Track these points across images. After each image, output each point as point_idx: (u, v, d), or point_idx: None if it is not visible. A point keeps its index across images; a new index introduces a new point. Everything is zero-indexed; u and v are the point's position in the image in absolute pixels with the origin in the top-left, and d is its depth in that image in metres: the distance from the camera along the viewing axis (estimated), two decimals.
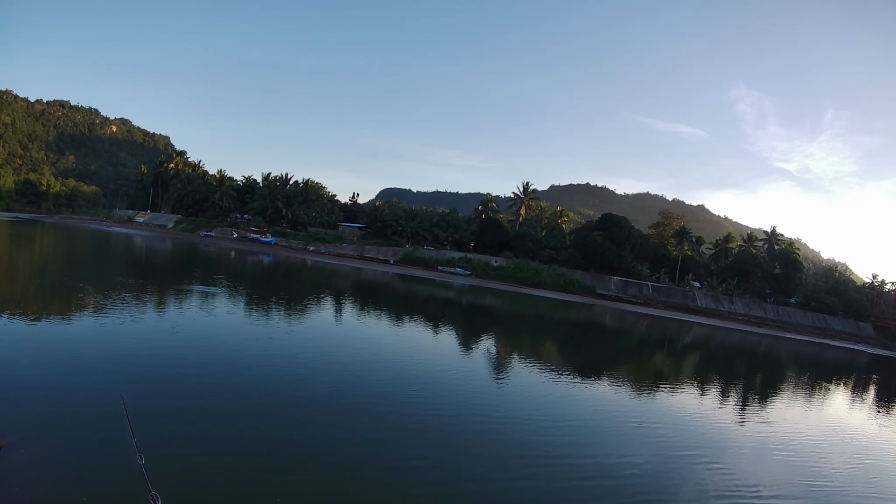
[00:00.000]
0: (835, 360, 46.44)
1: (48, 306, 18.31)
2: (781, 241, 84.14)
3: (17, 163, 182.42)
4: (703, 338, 45.82)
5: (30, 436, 7.86)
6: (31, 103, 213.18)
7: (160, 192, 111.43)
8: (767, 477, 11.38)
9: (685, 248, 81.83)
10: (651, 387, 20.10)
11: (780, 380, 29.83)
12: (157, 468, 6.03)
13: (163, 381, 11.39)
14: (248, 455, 8.46)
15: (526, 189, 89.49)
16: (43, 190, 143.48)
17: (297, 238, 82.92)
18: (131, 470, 4.76)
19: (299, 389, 12.34)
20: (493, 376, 17.81)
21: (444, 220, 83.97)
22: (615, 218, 77.44)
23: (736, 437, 14.75)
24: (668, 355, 33.05)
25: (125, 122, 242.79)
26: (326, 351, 17.31)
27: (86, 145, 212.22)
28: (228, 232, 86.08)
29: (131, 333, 15.31)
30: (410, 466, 8.97)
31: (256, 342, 16.55)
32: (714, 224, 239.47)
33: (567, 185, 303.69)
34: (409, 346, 20.59)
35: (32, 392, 9.70)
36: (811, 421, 18.42)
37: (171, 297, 24.19)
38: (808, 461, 13.26)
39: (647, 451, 11.78)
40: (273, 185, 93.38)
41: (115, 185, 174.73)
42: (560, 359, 24.75)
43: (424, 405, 12.56)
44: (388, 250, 77.00)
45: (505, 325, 35.21)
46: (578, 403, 15.35)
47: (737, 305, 74.09)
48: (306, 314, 25.07)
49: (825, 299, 74.84)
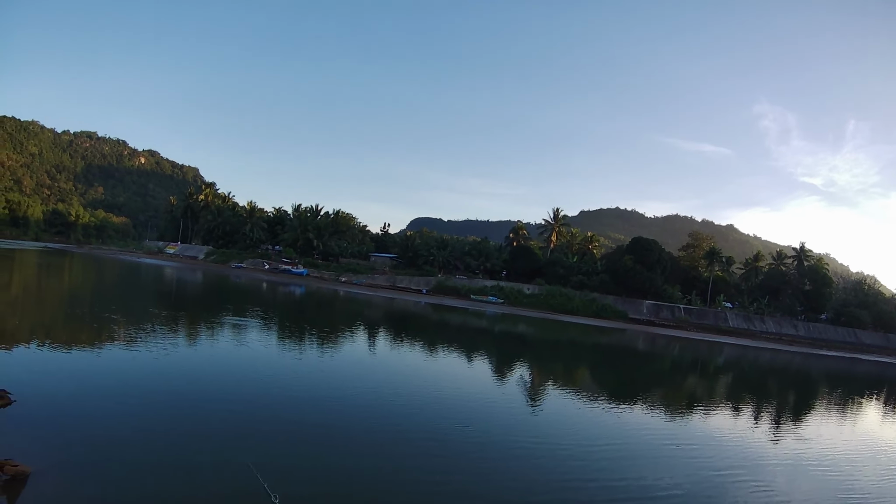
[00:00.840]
0: (866, 373, 46.78)
1: (97, 337, 18.76)
2: (810, 258, 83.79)
3: (46, 193, 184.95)
4: (736, 358, 46.18)
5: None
6: (57, 134, 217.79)
7: (190, 223, 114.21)
8: (802, 493, 11.74)
9: (716, 269, 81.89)
10: (685, 409, 20.65)
11: (813, 397, 30.26)
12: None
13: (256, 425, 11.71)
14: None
15: (556, 215, 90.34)
16: (72, 220, 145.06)
17: (329, 269, 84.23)
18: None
19: (392, 421, 13.22)
20: (528, 402, 18.53)
21: (476, 249, 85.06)
22: (645, 241, 77.91)
23: (771, 454, 15.13)
24: (701, 377, 33.68)
25: (153, 153, 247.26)
26: (390, 382, 18.15)
27: (114, 177, 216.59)
28: (260, 263, 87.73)
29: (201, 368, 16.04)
30: (449, 490, 9.54)
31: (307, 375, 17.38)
32: (743, 243, 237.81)
33: (597, 210, 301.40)
34: (448, 376, 21.26)
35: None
36: (844, 436, 18.85)
37: (216, 328, 24.91)
38: (843, 476, 13.59)
39: (681, 472, 12.05)
40: (304, 217, 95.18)
41: (144, 217, 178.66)
42: (593, 383, 25.57)
43: (463, 432, 13.20)
44: (421, 280, 78.11)
45: (538, 352, 36.08)
46: (612, 427, 15.89)
47: (768, 324, 73.87)
48: (346, 345, 25.89)
49: (855, 313, 74.69)
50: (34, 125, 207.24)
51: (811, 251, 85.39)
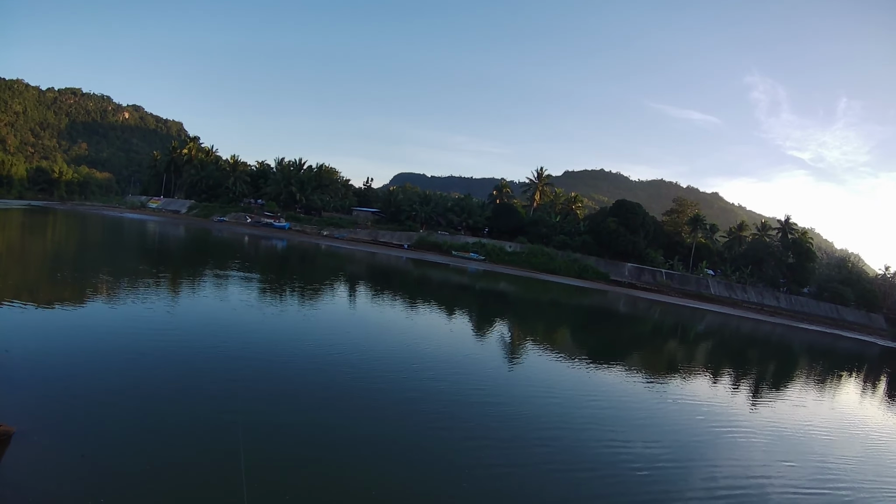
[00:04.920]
0: (847, 350, 46.49)
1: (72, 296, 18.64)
2: (795, 231, 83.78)
3: (29, 151, 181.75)
4: (717, 326, 46.06)
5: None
6: (42, 92, 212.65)
7: (173, 177, 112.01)
8: (775, 471, 11.26)
9: (699, 236, 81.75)
10: (662, 376, 20.27)
11: (793, 369, 30.03)
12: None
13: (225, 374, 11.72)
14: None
15: (540, 175, 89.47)
16: (55, 177, 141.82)
17: (311, 223, 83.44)
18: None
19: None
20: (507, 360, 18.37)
21: (459, 206, 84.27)
22: (629, 204, 77.44)
23: (747, 425, 14.81)
24: (681, 342, 33.33)
25: (137, 108, 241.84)
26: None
27: (98, 133, 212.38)
28: (242, 217, 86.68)
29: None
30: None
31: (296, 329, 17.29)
32: (728, 212, 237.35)
33: (581, 171, 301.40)
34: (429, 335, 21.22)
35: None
36: (822, 412, 18.46)
37: (199, 285, 24.47)
38: (817, 453, 13.27)
39: (667, 437, 12.29)
40: (287, 170, 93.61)
41: (127, 172, 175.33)
42: (575, 346, 25.31)
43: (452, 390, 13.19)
44: (403, 235, 77.42)
45: (520, 311, 35.60)
46: (593, 385, 16.14)
47: (750, 294, 74.08)
48: (325, 301, 25.25)
49: (838, 290, 74.74)
50: (19, 83, 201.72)
51: (796, 224, 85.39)
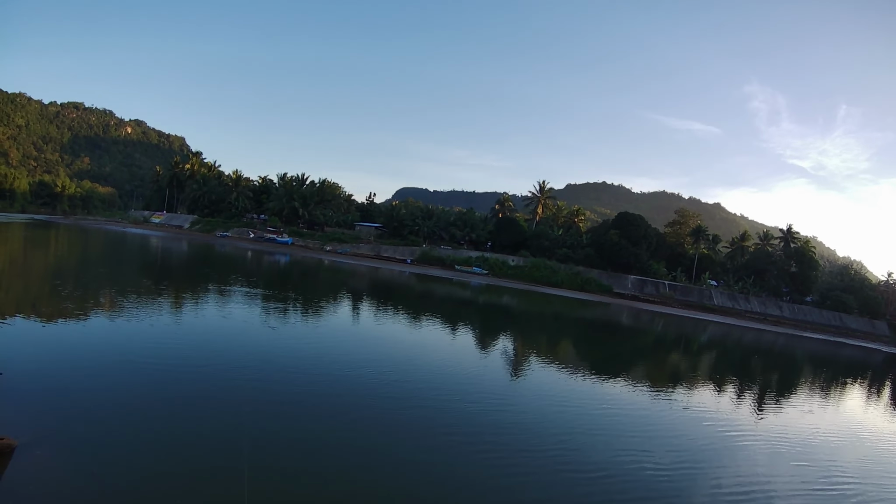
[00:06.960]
0: (850, 358, 46.34)
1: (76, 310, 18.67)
2: (797, 240, 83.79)
3: (32, 164, 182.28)
4: (720, 336, 45.91)
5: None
6: (44, 105, 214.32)
7: (176, 192, 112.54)
8: (781, 477, 11.27)
9: (701, 247, 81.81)
10: (667, 386, 20.16)
11: (796, 378, 29.93)
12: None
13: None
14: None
15: (542, 188, 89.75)
16: (58, 191, 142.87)
17: (314, 238, 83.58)
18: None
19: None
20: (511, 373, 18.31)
21: (461, 220, 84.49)
22: (631, 216, 77.55)
23: (750, 436, 14.66)
24: (685, 354, 33.29)
25: (140, 123, 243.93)
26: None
27: (100, 147, 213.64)
28: (245, 232, 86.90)
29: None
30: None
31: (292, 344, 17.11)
32: (730, 222, 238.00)
33: (583, 184, 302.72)
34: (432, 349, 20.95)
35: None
36: (826, 420, 18.40)
37: (202, 299, 24.57)
38: (823, 460, 13.27)
39: (663, 451, 12.11)
40: (289, 185, 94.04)
41: (130, 187, 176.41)
42: (578, 358, 25.21)
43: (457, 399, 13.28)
44: (405, 250, 77.54)
45: (522, 324, 35.50)
46: (603, 394, 16.05)
47: (753, 304, 73.98)
48: (328, 315, 25.39)
49: (841, 297, 74.63)
50: (21, 97, 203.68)
51: (798, 233, 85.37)
